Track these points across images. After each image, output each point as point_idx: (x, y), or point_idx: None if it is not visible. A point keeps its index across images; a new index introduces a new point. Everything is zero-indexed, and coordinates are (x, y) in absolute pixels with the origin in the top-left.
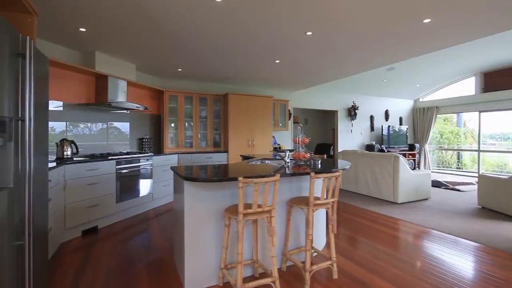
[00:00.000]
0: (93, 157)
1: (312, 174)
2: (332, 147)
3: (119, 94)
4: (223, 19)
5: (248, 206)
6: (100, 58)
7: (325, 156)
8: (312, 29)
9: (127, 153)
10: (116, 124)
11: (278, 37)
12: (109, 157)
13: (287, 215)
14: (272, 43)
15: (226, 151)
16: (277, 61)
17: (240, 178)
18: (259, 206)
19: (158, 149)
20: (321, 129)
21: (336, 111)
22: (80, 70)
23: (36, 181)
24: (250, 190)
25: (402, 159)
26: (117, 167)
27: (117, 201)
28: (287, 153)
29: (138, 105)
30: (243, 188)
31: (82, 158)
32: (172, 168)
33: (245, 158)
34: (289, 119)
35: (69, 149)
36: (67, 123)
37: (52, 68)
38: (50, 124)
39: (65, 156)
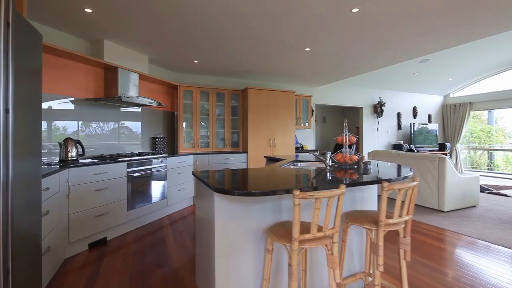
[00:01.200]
0: (101, 159)
1: (386, 184)
2: (354, 147)
3: (130, 88)
4: None
5: (303, 227)
6: (109, 47)
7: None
8: (359, 4)
9: (139, 154)
10: (127, 121)
11: (316, 17)
12: (119, 159)
13: (341, 235)
14: (306, 25)
15: (245, 152)
16: (307, 49)
17: (296, 192)
18: (318, 228)
19: (172, 150)
20: (340, 127)
21: (361, 108)
22: (87, 60)
23: (21, 190)
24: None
25: (448, 161)
26: (128, 170)
27: (128, 208)
28: (328, 154)
29: (151, 101)
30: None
31: (89, 160)
32: (195, 175)
33: (270, 160)
34: (312, 116)
35: (74, 149)
36: (77, 121)
37: (57, 58)
38: (59, 123)
39: (69, 158)
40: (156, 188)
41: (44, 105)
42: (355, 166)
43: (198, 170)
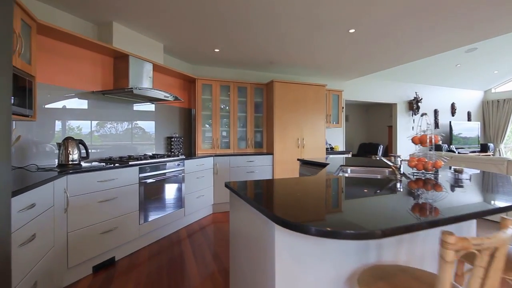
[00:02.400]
0: (109, 162)
1: None
2: (381, 148)
3: (144, 80)
4: None
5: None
6: (119, 32)
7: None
8: None
9: (153, 156)
10: (139, 119)
11: None
12: (130, 162)
13: None
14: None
15: (270, 153)
16: (352, 31)
17: (451, 238)
18: None
19: (189, 151)
20: (364, 126)
21: (395, 104)
22: (93, 45)
23: None
24: (385, 243)
25: None
26: (141, 175)
27: (141, 221)
28: (399, 159)
29: (166, 94)
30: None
31: (94, 164)
32: (239, 193)
33: (306, 163)
34: (342, 113)
35: (75, 151)
36: (81, 118)
37: (57, 42)
38: (59, 120)
39: (70, 162)
40: (173, 195)
41: (41, 99)
42: (438, 175)
43: (219, 174)
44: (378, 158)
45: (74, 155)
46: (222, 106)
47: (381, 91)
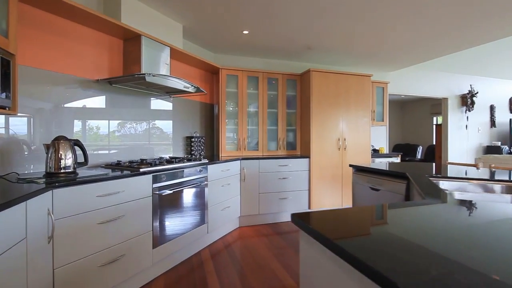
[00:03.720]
0: (117, 168)
1: None
2: (420, 150)
3: (160, 67)
4: None
5: None
6: (128, 6)
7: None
8: None
9: (170, 160)
10: (153, 116)
11: None
12: (142, 169)
13: None
14: None
15: (306, 156)
16: (405, 9)
17: None
18: None
19: (211, 153)
20: (399, 125)
21: (445, 99)
22: (98, 22)
23: None
24: None
25: None
26: (155, 185)
27: (155, 244)
28: None
29: (187, 84)
30: None
31: (94, 173)
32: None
33: (361, 170)
34: (387, 109)
35: (69, 155)
36: (82, 113)
37: (53, 17)
38: (60, 117)
39: (61, 169)
40: (194, 209)
41: (29, 88)
42: None
43: (247, 180)
44: (481, 166)
45: (67, 160)
46: (249, 101)
47: (430, 83)
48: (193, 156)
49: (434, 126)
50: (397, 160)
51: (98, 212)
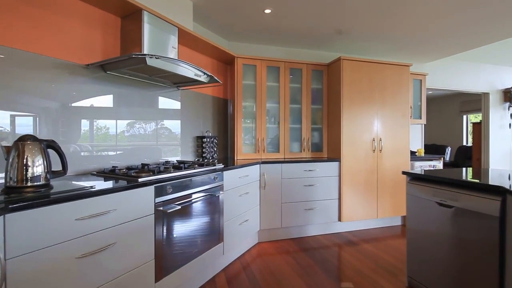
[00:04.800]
0: (109, 177)
1: None
2: (448, 151)
3: (167, 50)
4: None
5: None
6: None
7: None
8: None
9: (178, 166)
10: (158, 112)
11: None
12: (141, 179)
13: None
14: None
15: (336, 160)
16: None
17: None
18: None
19: (225, 155)
20: (430, 123)
21: (486, 94)
22: None
23: None
24: None
25: None
26: (158, 199)
27: (158, 277)
28: None
29: (198, 72)
30: None
31: (73, 188)
32: None
33: (418, 179)
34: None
35: (39, 161)
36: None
37: None
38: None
39: (28, 181)
40: (207, 226)
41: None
42: None
43: (267, 188)
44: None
45: (35, 169)
46: (269, 95)
47: (469, 76)
48: (205, 159)
49: (467, 125)
50: (439, 164)
51: (78, 241)
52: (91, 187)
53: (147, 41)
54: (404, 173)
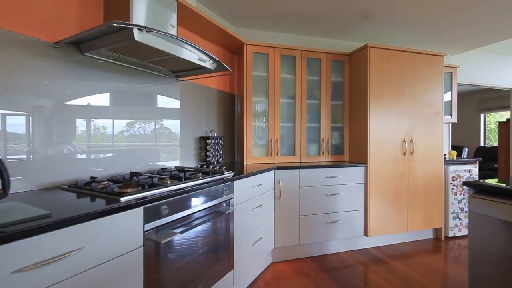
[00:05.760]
0: (84, 193)
1: None
2: (465, 151)
3: (163, 27)
4: None
5: None
6: None
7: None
8: None
9: (177, 176)
10: (153, 107)
11: None
12: (124, 197)
13: None
14: None
15: (362, 164)
16: None
17: None
18: None
19: (232, 159)
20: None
21: None
22: None
23: None
24: None
25: None
26: (149, 225)
27: None
28: None
29: (203, 56)
30: None
31: (16, 220)
32: None
33: (486, 192)
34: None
35: None
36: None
37: None
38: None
39: None
40: (214, 254)
41: None
42: None
43: (283, 198)
44: None
45: None
46: (283, 89)
47: (497, 71)
48: (209, 164)
49: (484, 125)
50: (475, 168)
51: None
52: (46, 215)
53: (139, 15)
54: (466, 184)
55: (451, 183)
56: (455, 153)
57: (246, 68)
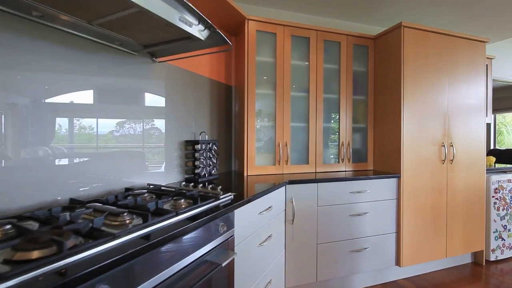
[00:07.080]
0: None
1: None
2: None
3: None
4: None
5: None
6: None
7: None
8: None
9: (142, 205)
10: (124, 100)
11: None
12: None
13: None
14: None
15: (395, 176)
16: None
17: None
18: None
19: (228, 169)
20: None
21: None
22: None
23: None
24: None
25: None
26: None
27: None
28: None
29: (189, 15)
30: None
31: None
32: None
33: None
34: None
35: None
36: None
37: None
38: None
39: None
40: None
41: None
42: None
43: (296, 221)
44: None
45: None
46: (293, 78)
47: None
48: (200, 182)
49: (494, 126)
50: None
51: None
52: None
53: None
54: None
55: (493, 196)
56: (493, 159)
57: (248, 52)
